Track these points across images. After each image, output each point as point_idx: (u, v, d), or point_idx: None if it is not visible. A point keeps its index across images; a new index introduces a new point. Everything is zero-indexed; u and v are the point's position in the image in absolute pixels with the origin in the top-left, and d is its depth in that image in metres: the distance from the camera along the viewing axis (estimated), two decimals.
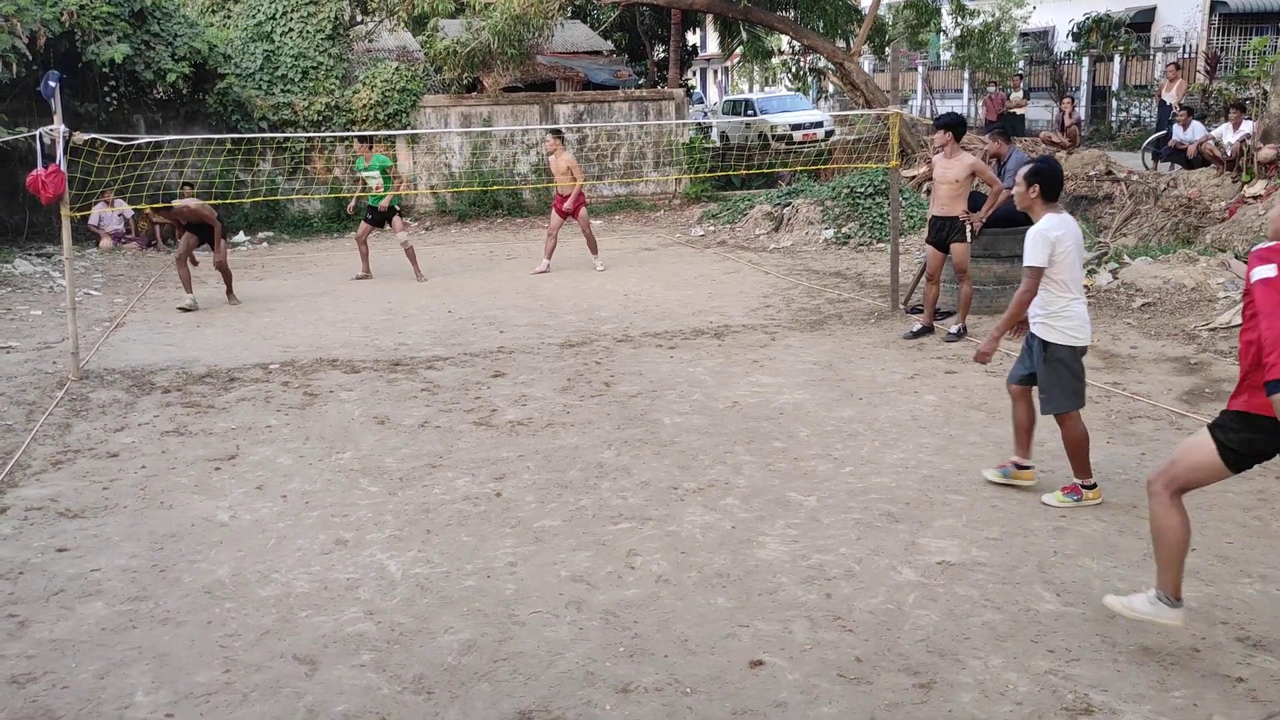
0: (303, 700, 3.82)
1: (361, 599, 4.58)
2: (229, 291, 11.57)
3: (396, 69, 18.38)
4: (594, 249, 13.19)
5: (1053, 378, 5.29)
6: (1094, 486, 5.39)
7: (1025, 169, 5.30)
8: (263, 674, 4.00)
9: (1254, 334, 3.49)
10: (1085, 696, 3.68)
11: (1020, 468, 5.62)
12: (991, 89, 23.30)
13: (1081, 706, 3.63)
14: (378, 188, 12.61)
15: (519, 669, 3.98)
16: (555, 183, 12.95)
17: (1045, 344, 5.28)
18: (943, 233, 8.87)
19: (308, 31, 17.97)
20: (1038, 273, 5.18)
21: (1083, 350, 5.31)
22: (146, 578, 4.84)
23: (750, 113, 25.67)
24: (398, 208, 12.88)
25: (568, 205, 12.79)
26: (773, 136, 23.88)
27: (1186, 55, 23.90)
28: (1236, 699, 3.65)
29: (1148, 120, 22.29)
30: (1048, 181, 5.22)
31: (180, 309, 11.07)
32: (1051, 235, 5.15)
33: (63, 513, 5.62)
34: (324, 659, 4.09)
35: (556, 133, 13.17)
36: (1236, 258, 10.04)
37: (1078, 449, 5.35)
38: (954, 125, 8.60)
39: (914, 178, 16.31)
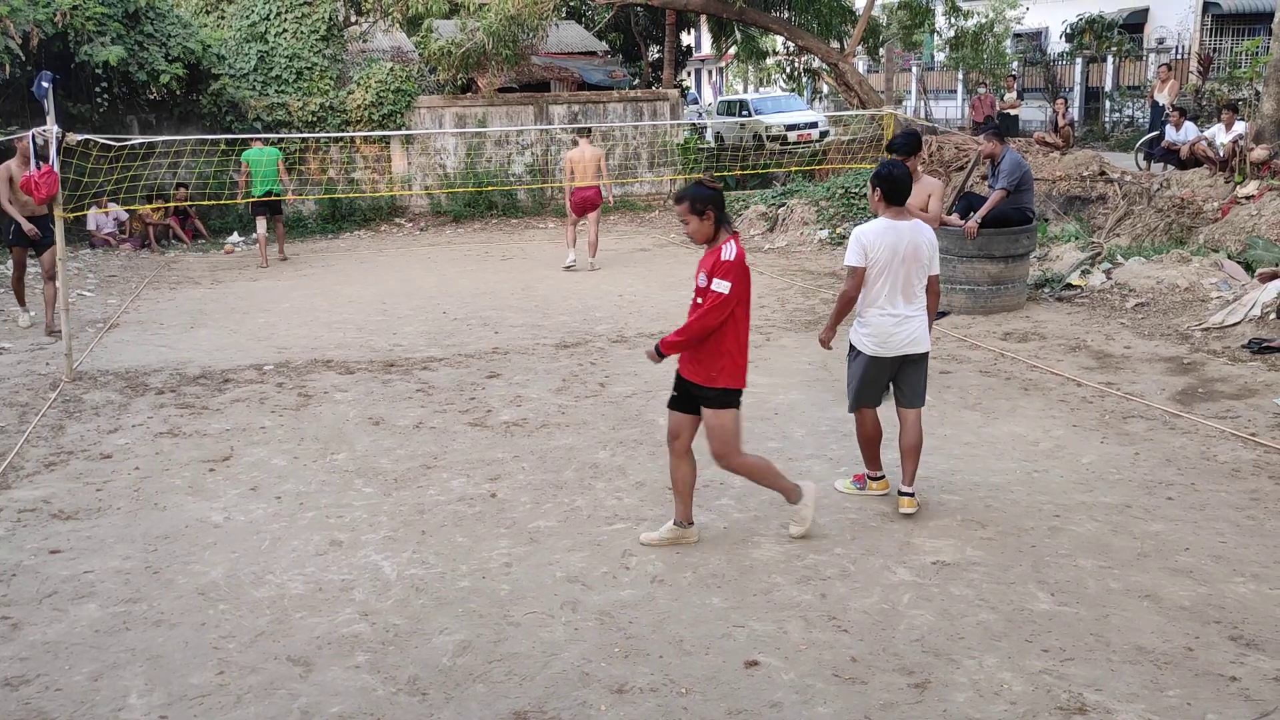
0: (297, 702, 3.81)
1: (356, 600, 4.57)
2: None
3: (391, 70, 18.36)
4: (590, 249, 13.41)
5: (848, 377, 5.44)
6: (881, 478, 5.57)
7: (874, 173, 5.25)
8: (257, 675, 3.99)
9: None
10: (1079, 696, 3.69)
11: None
12: (981, 90, 23.31)
13: (1075, 706, 3.63)
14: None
15: (514, 670, 3.98)
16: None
17: (849, 343, 5.39)
18: None
19: (302, 32, 17.95)
20: (854, 272, 5.17)
21: (877, 361, 5.25)
22: (140, 579, 4.83)
23: (745, 113, 25.67)
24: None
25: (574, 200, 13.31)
26: (767, 137, 23.89)
27: (1179, 56, 23.97)
28: (1230, 698, 3.66)
29: (1141, 121, 22.36)
30: (889, 184, 5.13)
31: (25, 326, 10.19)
32: (866, 238, 5.12)
33: (56, 514, 5.61)
34: (318, 660, 4.09)
35: (580, 130, 13.85)
36: (1230, 258, 10.07)
37: (866, 445, 5.51)
38: (912, 143, 7.28)
39: None
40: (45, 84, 7.98)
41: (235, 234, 16.81)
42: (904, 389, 5.38)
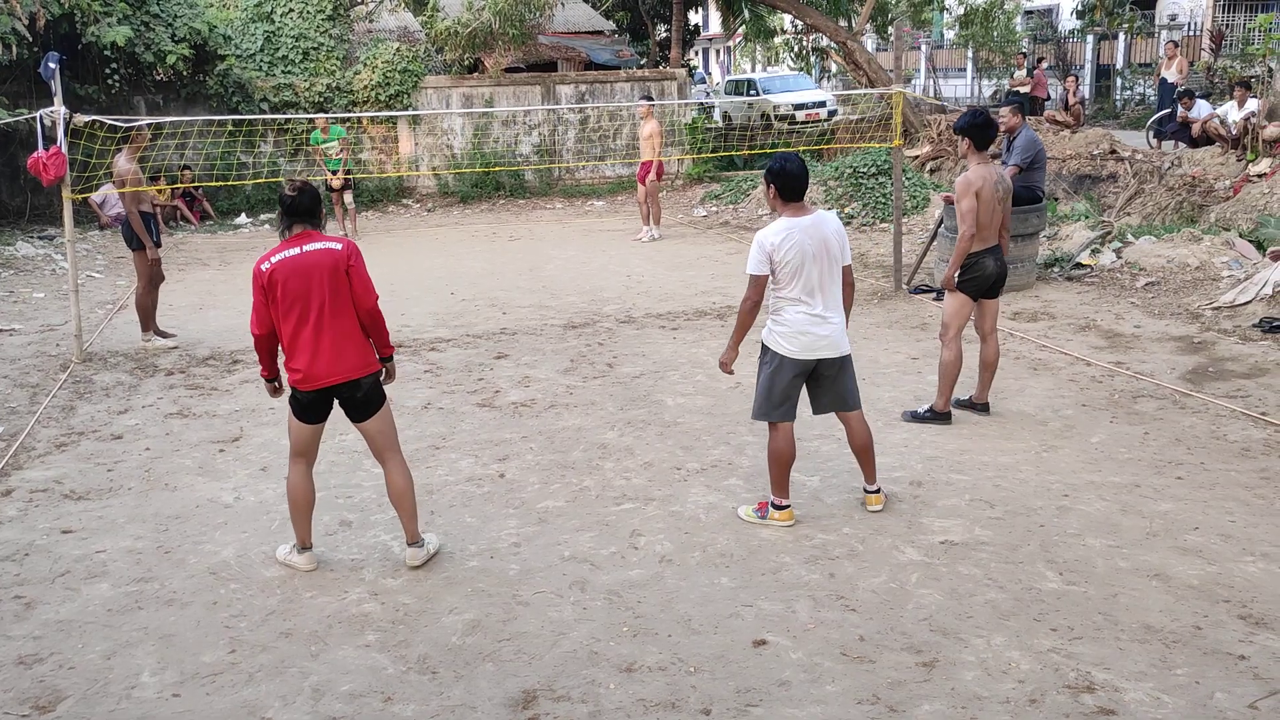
0: (308, 680, 3.84)
1: (366, 580, 4.59)
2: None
3: (397, 50, 18.29)
4: (645, 219, 13.89)
5: (758, 382, 5.00)
6: (787, 508, 5.00)
7: (767, 168, 4.83)
8: (268, 654, 4.02)
9: None
10: (1088, 674, 3.70)
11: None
12: (1020, 72, 22.11)
13: (1084, 684, 3.64)
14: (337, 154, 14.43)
15: (523, 649, 4.00)
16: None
17: (762, 344, 4.98)
18: None
19: (308, 12, 17.88)
20: (756, 281, 4.80)
21: (795, 365, 4.85)
22: (151, 559, 4.86)
23: (753, 92, 25.53)
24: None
25: (640, 173, 13.94)
26: (775, 116, 23.77)
27: (1191, 33, 23.75)
28: (1238, 677, 3.66)
29: (1152, 99, 22.16)
30: (783, 180, 4.73)
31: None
32: (769, 243, 4.72)
33: (67, 495, 5.64)
34: (329, 639, 4.11)
35: (647, 98, 14.59)
36: (1241, 236, 10.00)
37: (776, 464, 4.98)
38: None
39: (917, 157, 16.25)
40: (52, 65, 7.98)
41: (244, 215, 16.81)
42: (832, 397, 5.04)
